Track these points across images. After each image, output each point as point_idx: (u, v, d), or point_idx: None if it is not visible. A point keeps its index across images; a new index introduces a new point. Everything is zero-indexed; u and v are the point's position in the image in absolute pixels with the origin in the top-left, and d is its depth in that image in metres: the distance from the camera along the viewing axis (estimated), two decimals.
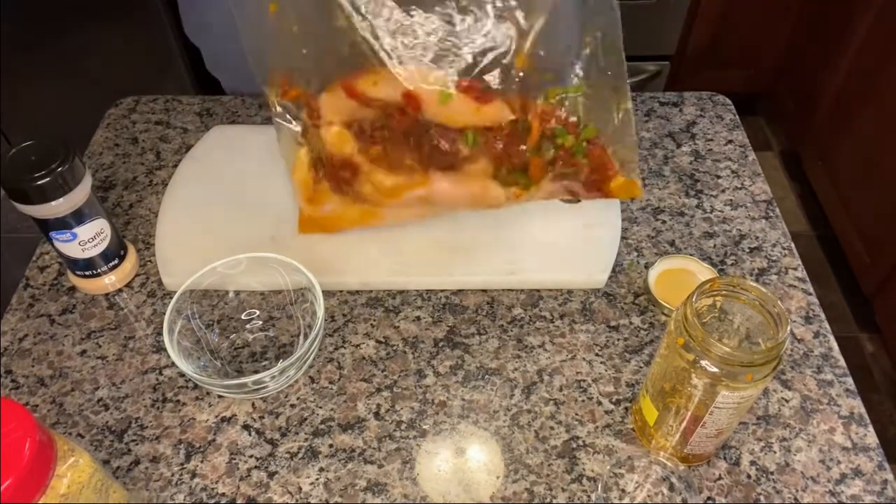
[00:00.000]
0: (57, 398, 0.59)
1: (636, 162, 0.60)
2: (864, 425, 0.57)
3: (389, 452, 0.55)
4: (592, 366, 0.60)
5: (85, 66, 1.52)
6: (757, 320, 0.47)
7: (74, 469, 0.40)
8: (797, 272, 0.67)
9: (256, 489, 0.53)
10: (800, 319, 0.64)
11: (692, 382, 0.46)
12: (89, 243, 0.62)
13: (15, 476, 0.36)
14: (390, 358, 0.61)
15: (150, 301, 0.65)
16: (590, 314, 0.64)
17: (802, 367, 0.60)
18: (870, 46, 1.56)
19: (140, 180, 0.76)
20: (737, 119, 0.82)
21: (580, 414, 0.57)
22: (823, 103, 1.72)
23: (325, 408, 0.58)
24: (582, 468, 0.54)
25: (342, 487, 0.53)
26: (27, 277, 0.68)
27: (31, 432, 0.37)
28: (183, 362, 0.54)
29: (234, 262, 0.60)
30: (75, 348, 0.62)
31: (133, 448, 0.56)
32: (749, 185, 0.75)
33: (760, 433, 0.56)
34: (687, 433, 0.51)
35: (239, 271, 0.60)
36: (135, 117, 0.83)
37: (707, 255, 0.69)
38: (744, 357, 0.44)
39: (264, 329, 0.62)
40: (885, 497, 0.53)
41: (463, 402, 0.58)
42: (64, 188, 0.57)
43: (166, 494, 0.53)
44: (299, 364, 0.56)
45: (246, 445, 0.56)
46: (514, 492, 0.53)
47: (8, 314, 0.65)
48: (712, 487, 0.54)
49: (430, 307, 0.65)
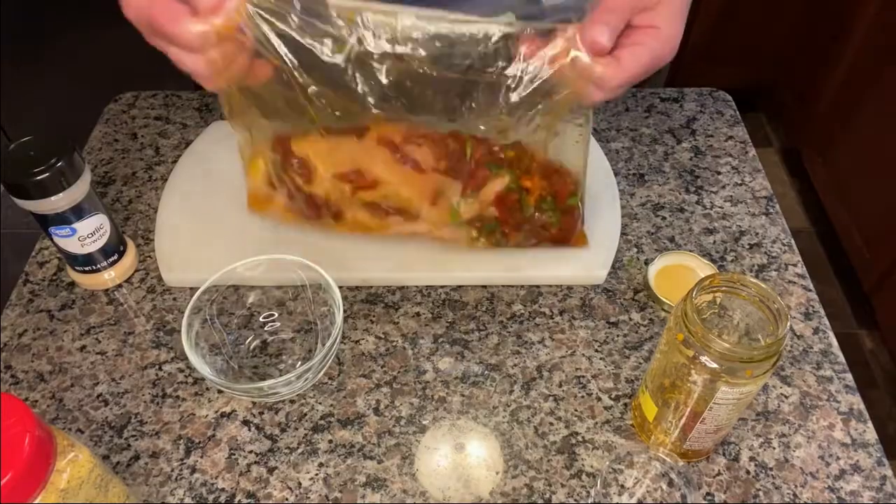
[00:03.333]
0: (56, 393, 0.59)
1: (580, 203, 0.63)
2: (864, 421, 0.57)
3: (389, 448, 0.55)
4: (592, 362, 0.60)
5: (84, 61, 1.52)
6: (756, 316, 0.47)
7: (74, 464, 0.40)
8: (797, 268, 0.67)
9: (256, 484, 0.53)
10: (799, 315, 0.64)
11: (691, 378, 0.46)
12: (89, 239, 0.62)
13: (15, 471, 0.36)
14: (390, 354, 0.61)
15: (149, 297, 0.65)
16: (589, 310, 0.64)
17: (802, 364, 0.60)
18: (870, 42, 1.56)
19: (139, 176, 0.76)
20: (737, 115, 0.82)
21: (579, 410, 0.57)
22: (824, 99, 1.72)
23: (324, 403, 0.58)
24: (581, 464, 0.54)
25: (342, 483, 0.53)
26: (27, 273, 0.68)
27: (30, 427, 0.37)
28: (205, 367, 0.54)
29: (255, 262, 0.59)
30: (75, 344, 0.62)
31: (133, 443, 0.56)
32: (749, 181, 0.75)
33: (760, 429, 0.56)
34: (686, 429, 0.51)
35: (259, 272, 0.60)
36: (134, 112, 0.83)
37: (707, 251, 0.68)
38: (743, 353, 0.44)
39: (279, 331, 0.62)
40: (883, 493, 0.53)
41: (462, 398, 0.58)
42: (63, 184, 0.57)
43: (166, 489, 0.53)
44: (317, 368, 0.56)
45: (245, 441, 0.56)
46: (513, 487, 0.53)
47: (7, 310, 0.65)
48: (711, 483, 0.54)
49: (430, 303, 0.65)
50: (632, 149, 0.78)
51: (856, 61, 1.61)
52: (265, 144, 0.61)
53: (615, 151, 0.78)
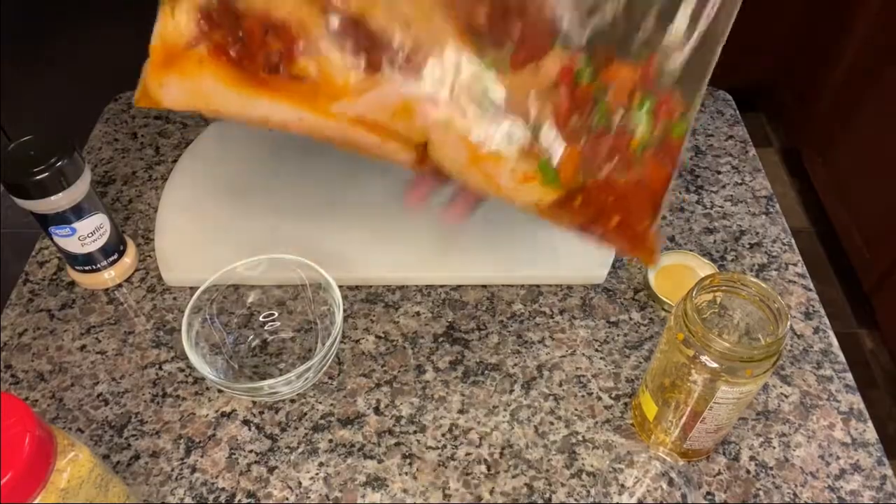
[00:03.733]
0: (56, 393, 0.59)
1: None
2: (864, 421, 0.57)
3: (389, 447, 0.55)
4: (592, 361, 0.60)
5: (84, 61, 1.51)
6: (757, 316, 0.47)
7: (74, 464, 0.40)
8: (797, 268, 0.67)
9: (256, 484, 0.53)
10: (799, 315, 0.64)
11: (692, 378, 0.46)
12: (89, 238, 0.62)
13: (15, 471, 0.36)
14: (390, 353, 0.61)
15: (149, 296, 0.65)
16: (589, 310, 0.64)
17: (802, 363, 0.60)
18: (870, 42, 1.56)
19: (139, 175, 0.76)
20: (737, 115, 0.82)
21: (580, 409, 0.57)
22: (824, 99, 1.72)
23: (324, 403, 0.58)
24: (581, 463, 0.54)
25: (342, 482, 0.53)
26: (26, 272, 0.68)
27: (30, 427, 0.37)
28: (205, 367, 0.54)
29: (255, 262, 0.59)
30: (75, 343, 0.62)
31: (133, 443, 0.56)
32: (749, 180, 0.75)
33: (760, 428, 0.56)
34: (686, 428, 0.51)
35: (259, 272, 0.59)
36: (134, 112, 0.83)
37: (707, 250, 0.68)
38: (743, 352, 0.44)
39: (279, 331, 0.62)
40: (883, 492, 0.53)
41: (462, 398, 0.58)
42: (63, 183, 0.57)
43: (166, 489, 0.53)
44: (318, 367, 0.56)
45: (246, 440, 0.56)
46: (513, 487, 0.53)
47: (7, 309, 0.65)
48: (711, 483, 0.54)
49: (430, 302, 0.65)
50: None
51: (856, 61, 1.61)
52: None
53: None
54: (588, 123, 0.36)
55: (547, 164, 0.37)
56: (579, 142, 0.36)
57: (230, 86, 0.40)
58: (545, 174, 0.36)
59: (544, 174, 0.36)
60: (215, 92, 0.40)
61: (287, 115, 0.39)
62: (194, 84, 0.41)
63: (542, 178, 0.36)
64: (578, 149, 0.36)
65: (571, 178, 0.37)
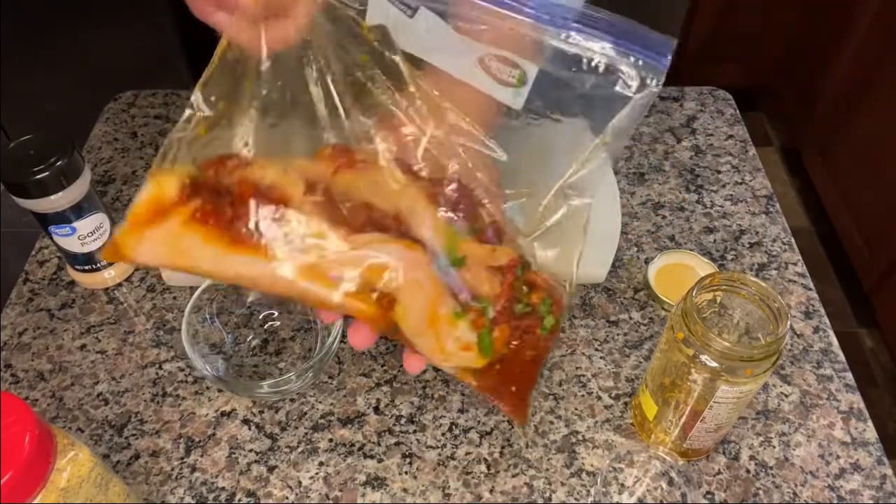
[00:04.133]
0: (56, 392, 0.59)
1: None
2: (864, 420, 0.57)
3: (389, 447, 0.55)
4: (592, 361, 0.60)
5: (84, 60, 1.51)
6: (757, 315, 0.47)
7: (74, 463, 0.40)
8: (797, 267, 0.67)
9: (256, 483, 0.53)
10: (799, 314, 0.64)
11: (692, 377, 0.46)
12: (89, 237, 0.62)
13: (15, 470, 0.36)
14: (390, 353, 0.61)
15: (149, 295, 0.65)
16: (589, 309, 0.64)
17: (802, 362, 0.60)
18: (870, 41, 1.56)
19: (139, 175, 0.76)
20: (737, 114, 0.82)
21: (580, 409, 0.57)
22: (824, 99, 1.72)
23: (324, 402, 0.58)
24: (581, 463, 0.54)
25: (342, 482, 0.53)
26: (26, 272, 0.68)
27: (30, 426, 0.37)
28: (205, 366, 0.54)
29: None
30: (75, 343, 0.62)
31: (133, 442, 0.56)
32: (749, 180, 0.75)
33: (760, 428, 0.56)
34: (686, 428, 0.51)
35: None
36: (134, 111, 0.83)
37: (707, 250, 0.68)
38: (743, 352, 0.44)
39: (279, 330, 0.62)
40: (883, 492, 0.53)
41: (462, 397, 0.58)
42: (63, 182, 0.57)
43: (166, 488, 0.53)
44: (318, 366, 0.56)
45: (246, 440, 0.56)
46: (513, 486, 0.53)
47: (7, 308, 0.65)
48: (711, 482, 0.54)
49: None
50: (632, 148, 0.78)
51: (856, 61, 1.60)
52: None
53: None
54: (513, 307, 0.43)
55: (487, 335, 0.42)
56: (510, 320, 0.43)
57: (209, 243, 0.40)
58: (482, 344, 0.42)
59: (481, 344, 0.42)
60: (193, 248, 0.40)
61: (261, 271, 0.40)
62: (174, 242, 0.41)
63: (479, 346, 0.42)
64: (509, 325, 0.43)
65: (499, 351, 0.43)
